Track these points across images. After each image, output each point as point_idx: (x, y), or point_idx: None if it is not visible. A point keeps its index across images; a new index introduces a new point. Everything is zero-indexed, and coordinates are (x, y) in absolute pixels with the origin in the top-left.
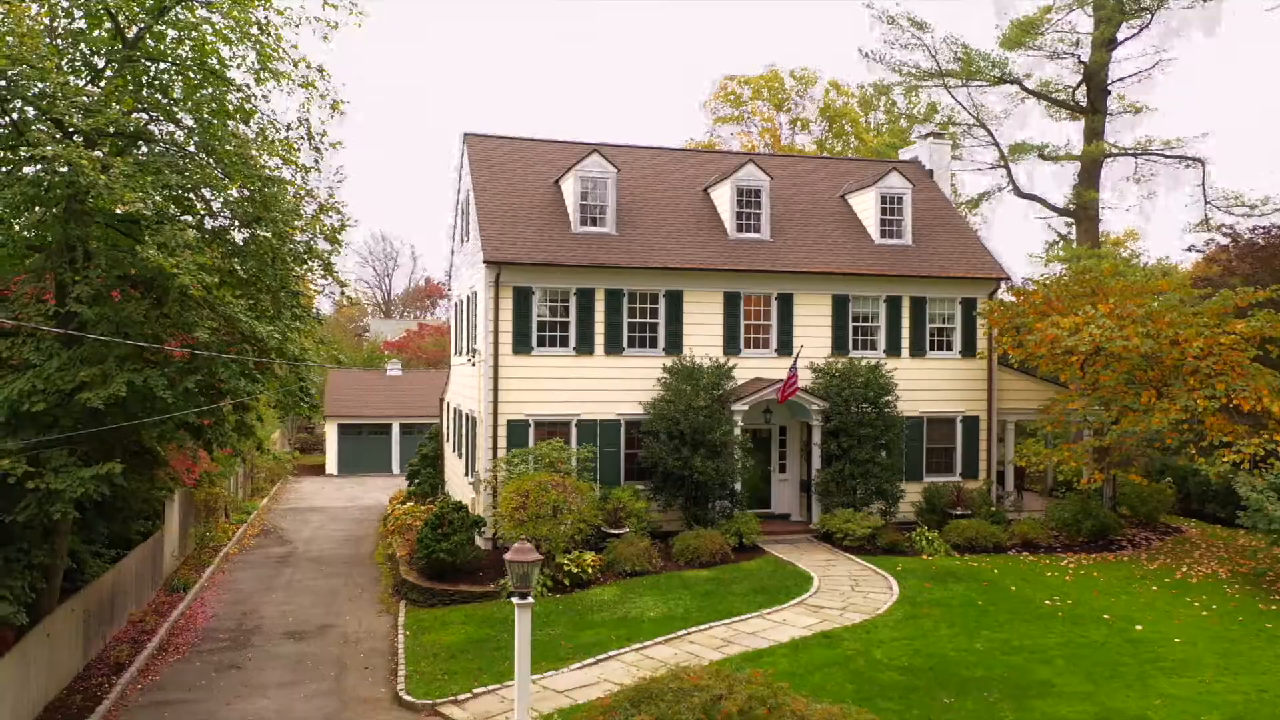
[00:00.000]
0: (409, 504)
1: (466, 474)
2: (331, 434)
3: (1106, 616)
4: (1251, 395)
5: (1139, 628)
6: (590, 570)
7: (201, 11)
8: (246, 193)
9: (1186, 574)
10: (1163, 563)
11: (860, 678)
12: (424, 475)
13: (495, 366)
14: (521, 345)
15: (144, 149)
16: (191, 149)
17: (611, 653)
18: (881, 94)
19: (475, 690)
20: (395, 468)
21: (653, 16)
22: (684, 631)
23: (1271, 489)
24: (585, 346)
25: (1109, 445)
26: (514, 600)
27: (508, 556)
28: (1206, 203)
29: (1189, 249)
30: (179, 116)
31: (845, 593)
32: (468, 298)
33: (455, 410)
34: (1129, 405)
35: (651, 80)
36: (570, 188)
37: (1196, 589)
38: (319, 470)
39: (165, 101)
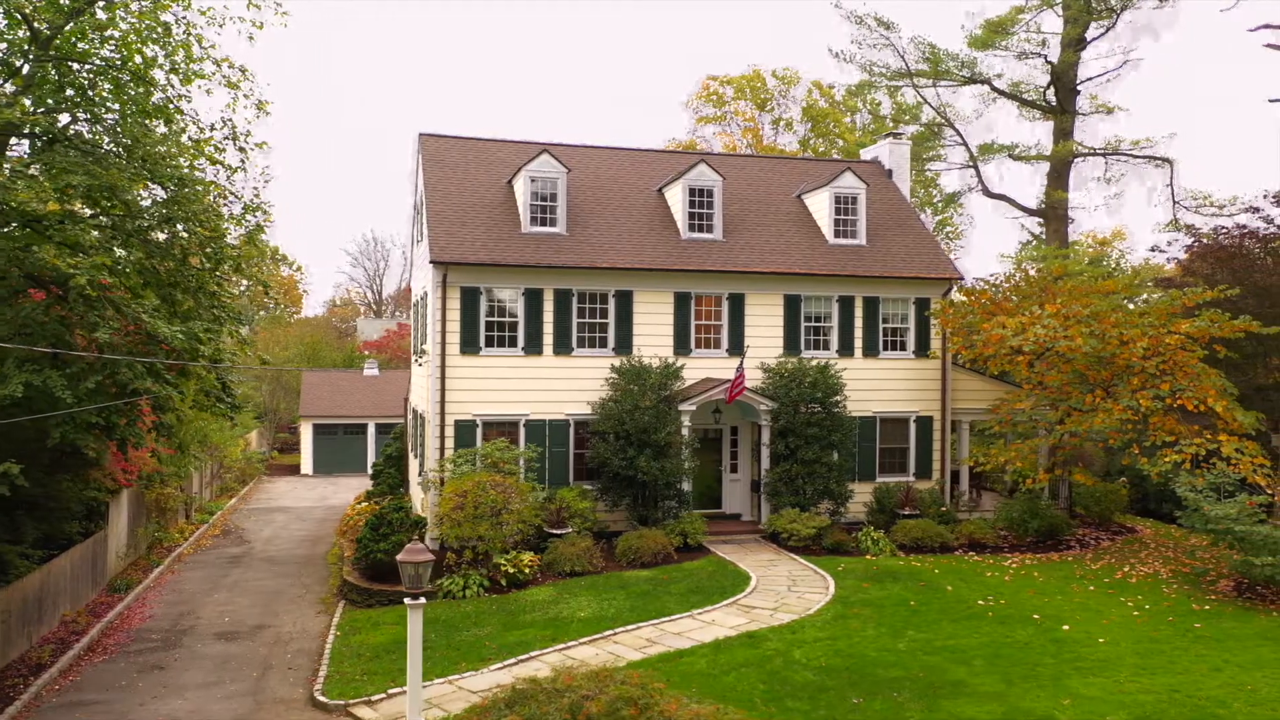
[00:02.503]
0: (365, 504)
1: (420, 474)
2: (307, 434)
3: (1036, 617)
4: (1196, 395)
5: (1066, 628)
6: (528, 570)
7: (120, 12)
8: (162, 194)
9: (1127, 574)
10: (1107, 562)
11: (774, 678)
12: (386, 475)
13: (442, 366)
14: (469, 345)
15: (70, 150)
16: (112, 149)
17: (534, 653)
18: (858, 94)
19: (390, 690)
20: (370, 468)
21: (639, 16)
22: (610, 632)
23: (1211, 489)
24: (534, 347)
25: (1054, 445)
26: (406, 601)
27: (399, 557)
28: (1175, 203)
29: (1152, 249)
30: (103, 117)
31: (781, 593)
32: (421, 298)
33: (413, 410)
34: (1074, 405)
35: (637, 80)
36: (521, 187)
37: (1134, 589)
38: (295, 470)
39: (83, 100)
